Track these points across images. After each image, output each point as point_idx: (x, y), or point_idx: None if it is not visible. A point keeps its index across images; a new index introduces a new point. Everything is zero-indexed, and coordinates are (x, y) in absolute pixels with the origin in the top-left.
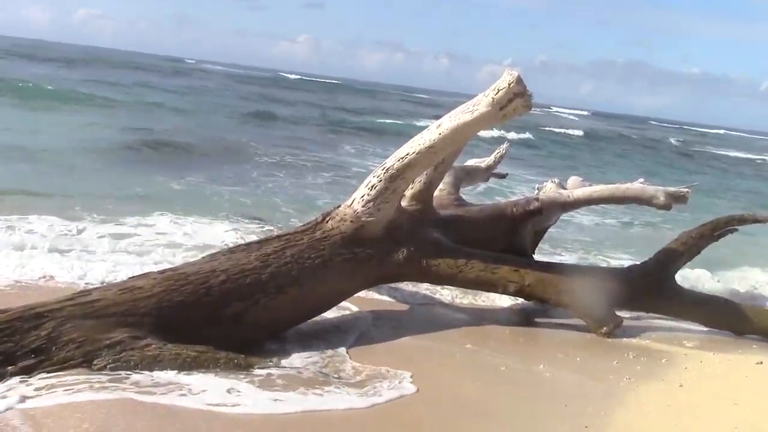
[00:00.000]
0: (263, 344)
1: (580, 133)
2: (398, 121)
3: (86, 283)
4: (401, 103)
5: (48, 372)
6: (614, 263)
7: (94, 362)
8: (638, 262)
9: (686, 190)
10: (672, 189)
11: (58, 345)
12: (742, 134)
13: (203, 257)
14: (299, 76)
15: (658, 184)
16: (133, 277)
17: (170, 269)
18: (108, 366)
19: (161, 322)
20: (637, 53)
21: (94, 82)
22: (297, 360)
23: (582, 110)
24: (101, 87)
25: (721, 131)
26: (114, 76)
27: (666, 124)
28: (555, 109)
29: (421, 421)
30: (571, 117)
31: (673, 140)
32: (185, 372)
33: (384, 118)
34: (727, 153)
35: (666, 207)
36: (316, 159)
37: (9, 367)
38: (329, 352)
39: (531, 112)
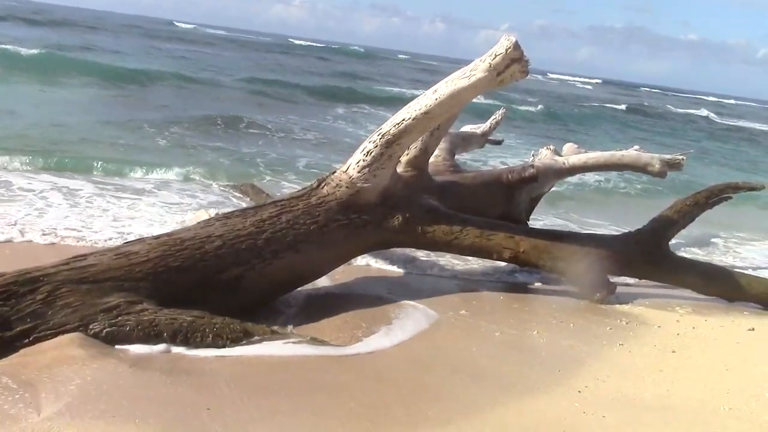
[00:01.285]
0: (258, 313)
1: (622, 107)
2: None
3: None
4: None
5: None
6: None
7: (90, 326)
8: (632, 230)
9: (681, 157)
10: (667, 156)
11: (54, 309)
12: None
13: (197, 223)
14: (308, 42)
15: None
16: (129, 242)
17: (165, 234)
18: (104, 330)
19: (157, 287)
20: (637, 19)
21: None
22: (290, 327)
23: (589, 78)
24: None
25: (732, 101)
26: (121, 42)
27: (684, 94)
28: (565, 77)
29: (409, 378)
30: (587, 87)
31: (709, 114)
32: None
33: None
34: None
35: (661, 174)
36: None
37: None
38: (324, 319)
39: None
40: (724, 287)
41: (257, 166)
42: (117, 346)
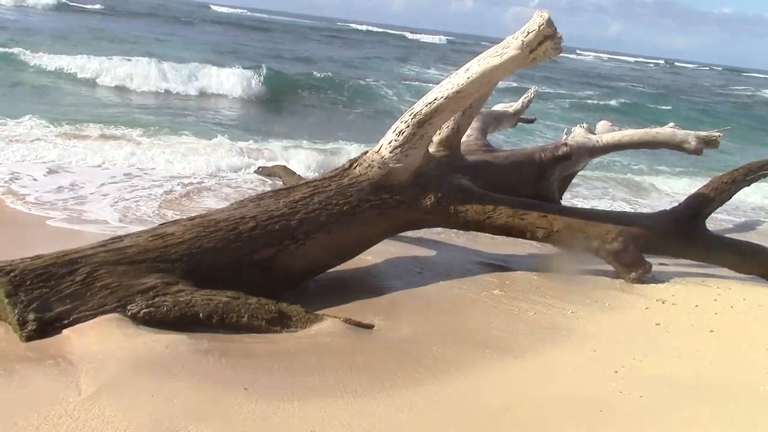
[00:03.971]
0: (285, 295)
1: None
2: None
3: None
4: None
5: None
6: None
7: (128, 307)
8: (668, 208)
9: (718, 134)
10: (703, 133)
11: (92, 290)
12: None
13: (231, 204)
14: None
15: None
16: (164, 223)
17: (199, 216)
18: (142, 311)
19: (192, 268)
20: None
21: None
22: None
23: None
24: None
25: None
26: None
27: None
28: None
29: (441, 358)
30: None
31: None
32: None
33: None
34: None
35: (697, 151)
36: None
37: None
38: (358, 300)
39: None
40: (762, 265)
41: None
42: (154, 327)
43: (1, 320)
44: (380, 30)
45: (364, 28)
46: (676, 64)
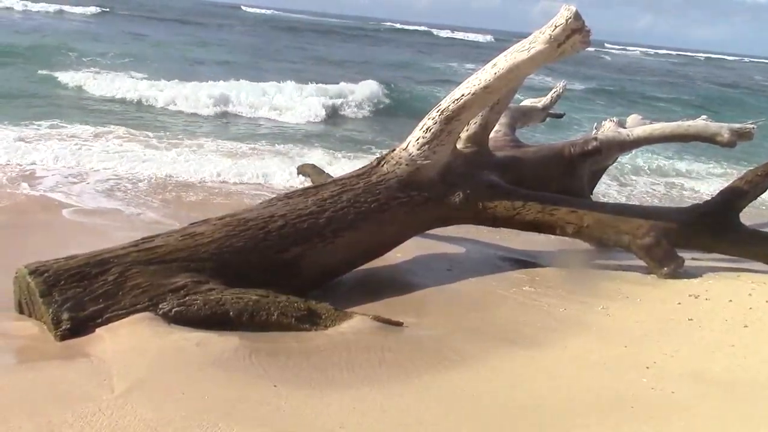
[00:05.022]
0: (319, 292)
1: None
2: None
3: None
4: None
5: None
6: None
7: (160, 306)
8: (700, 202)
9: (752, 126)
10: (737, 125)
11: (125, 290)
12: None
13: (260, 203)
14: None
15: None
16: (194, 223)
17: (229, 215)
18: (173, 310)
19: (221, 267)
20: None
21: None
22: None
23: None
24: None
25: None
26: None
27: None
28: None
29: (473, 355)
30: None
31: None
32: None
33: None
34: None
35: (730, 144)
36: None
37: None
38: (387, 298)
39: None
40: None
41: None
42: (184, 326)
43: (36, 320)
44: (414, 28)
45: (398, 26)
46: (713, 56)
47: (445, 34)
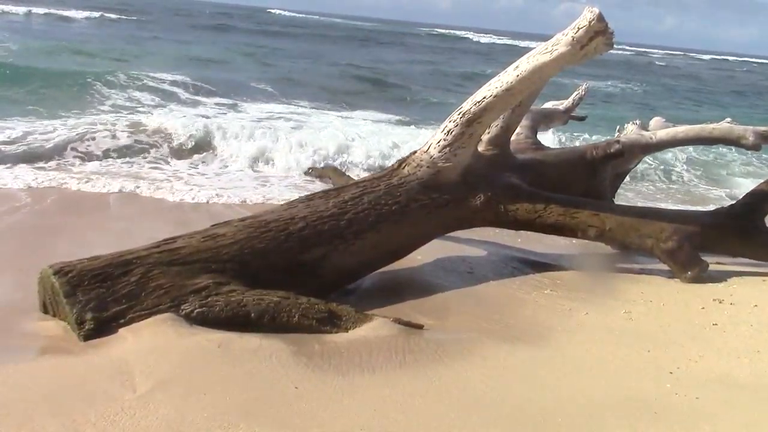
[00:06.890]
0: (339, 294)
1: None
2: None
3: None
4: None
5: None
6: None
7: (182, 307)
8: (725, 205)
9: None
10: (762, 128)
11: (147, 291)
12: None
13: (281, 205)
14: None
15: None
16: (216, 224)
17: (250, 217)
18: (195, 311)
19: (243, 268)
20: None
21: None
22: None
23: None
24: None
25: None
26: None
27: None
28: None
29: (494, 363)
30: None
31: None
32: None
33: None
34: None
35: (755, 147)
36: None
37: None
38: (408, 301)
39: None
40: None
41: None
42: (206, 327)
43: (60, 320)
44: (443, 32)
45: (425, 31)
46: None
47: (486, 39)
